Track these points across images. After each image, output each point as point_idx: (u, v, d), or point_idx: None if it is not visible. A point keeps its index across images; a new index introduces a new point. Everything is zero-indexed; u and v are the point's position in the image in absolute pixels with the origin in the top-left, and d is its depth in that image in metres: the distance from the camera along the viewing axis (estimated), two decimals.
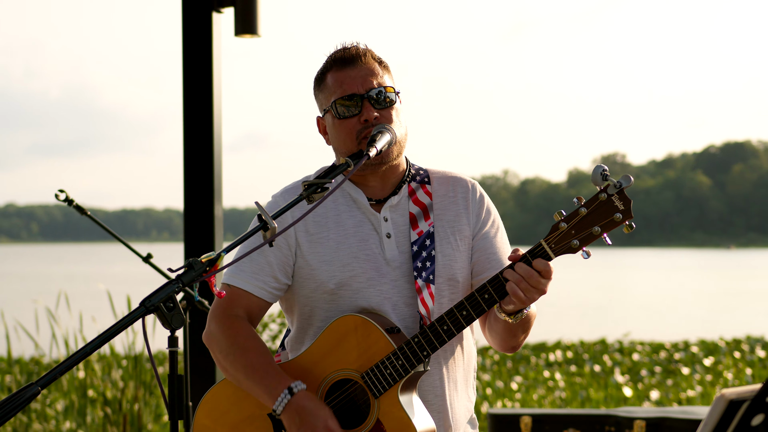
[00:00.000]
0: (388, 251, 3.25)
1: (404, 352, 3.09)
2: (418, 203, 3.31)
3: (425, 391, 3.24)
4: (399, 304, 3.23)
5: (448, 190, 3.35)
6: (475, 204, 3.35)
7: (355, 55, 3.25)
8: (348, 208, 3.29)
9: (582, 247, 2.95)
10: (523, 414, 6.38)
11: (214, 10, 6.27)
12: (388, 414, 3.11)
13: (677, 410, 6.46)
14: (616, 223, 2.92)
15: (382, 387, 3.11)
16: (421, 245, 3.24)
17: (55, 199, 4.93)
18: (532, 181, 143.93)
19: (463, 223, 3.32)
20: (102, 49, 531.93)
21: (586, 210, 2.93)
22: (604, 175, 2.89)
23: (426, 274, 3.21)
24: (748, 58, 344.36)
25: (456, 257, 3.28)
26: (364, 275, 3.22)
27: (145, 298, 2.57)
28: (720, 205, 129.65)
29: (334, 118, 3.24)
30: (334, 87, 3.24)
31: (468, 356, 3.36)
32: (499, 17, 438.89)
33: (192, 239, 6.26)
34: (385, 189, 3.31)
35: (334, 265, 3.23)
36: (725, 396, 2.02)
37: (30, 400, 2.41)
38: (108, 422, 8.80)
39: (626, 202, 2.91)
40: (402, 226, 3.28)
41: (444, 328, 3.08)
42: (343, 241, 3.26)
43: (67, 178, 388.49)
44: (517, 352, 16.83)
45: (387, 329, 3.15)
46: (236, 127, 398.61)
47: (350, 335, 3.16)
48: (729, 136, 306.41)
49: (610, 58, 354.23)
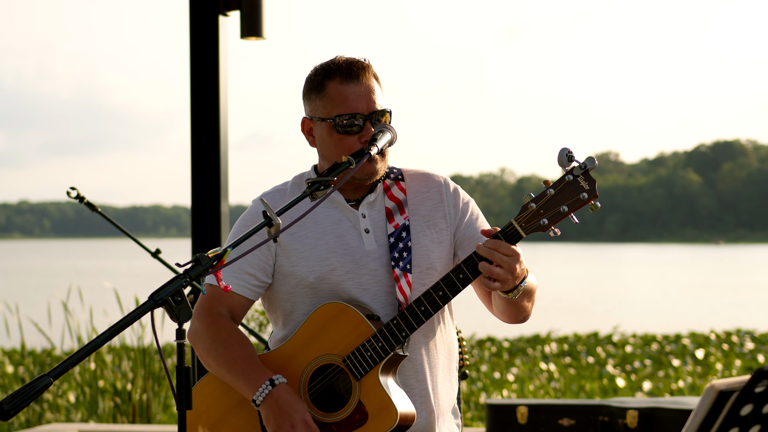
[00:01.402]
0: (367, 244, 3.28)
1: (384, 334, 3.12)
2: (393, 198, 3.34)
3: (407, 376, 3.24)
4: (379, 293, 3.25)
5: (422, 186, 3.38)
6: (449, 198, 3.37)
7: (358, 70, 3.26)
8: (324, 209, 3.32)
9: (551, 226, 2.99)
10: (519, 404, 6.38)
11: (220, 14, 6.27)
12: (368, 394, 3.13)
13: (668, 400, 6.45)
14: (582, 202, 2.97)
15: (363, 369, 3.13)
16: (397, 237, 3.27)
17: (66, 196, 4.93)
18: (529, 179, 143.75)
19: (438, 216, 3.34)
20: (112, 51, 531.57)
21: (553, 191, 2.98)
22: (570, 157, 2.95)
23: (403, 264, 3.24)
24: (737, 61, 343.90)
25: (433, 248, 3.30)
26: (342, 268, 3.25)
27: (153, 292, 2.57)
28: (710, 202, 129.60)
29: (333, 130, 3.24)
30: (337, 100, 3.24)
31: (449, 345, 3.37)
32: (496, 21, 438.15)
33: (199, 235, 6.26)
34: (360, 189, 3.34)
35: (313, 260, 3.26)
36: (715, 387, 2.02)
37: (42, 391, 2.41)
38: (118, 412, 8.81)
39: (591, 182, 2.96)
40: (379, 221, 3.31)
41: (421, 309, 3.11)
42: (321, 238, 3.28)
43: (78, 176, 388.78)
44: (514, 345, 16.85)
45: (367, 315, 3.17)
46: (242, 126, 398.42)
47: (332, 322, 3.18)
48: (718, 135, 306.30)
49: (604, 60, 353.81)
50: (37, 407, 8.96)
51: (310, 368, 3.21)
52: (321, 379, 3.21)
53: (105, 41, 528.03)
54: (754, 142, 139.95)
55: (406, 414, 3.14)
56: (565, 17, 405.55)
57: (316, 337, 3.20)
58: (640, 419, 6.16)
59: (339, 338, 3.17)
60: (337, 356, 3.17)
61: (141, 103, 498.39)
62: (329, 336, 3.18)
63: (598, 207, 2.98)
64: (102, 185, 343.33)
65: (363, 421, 3.13)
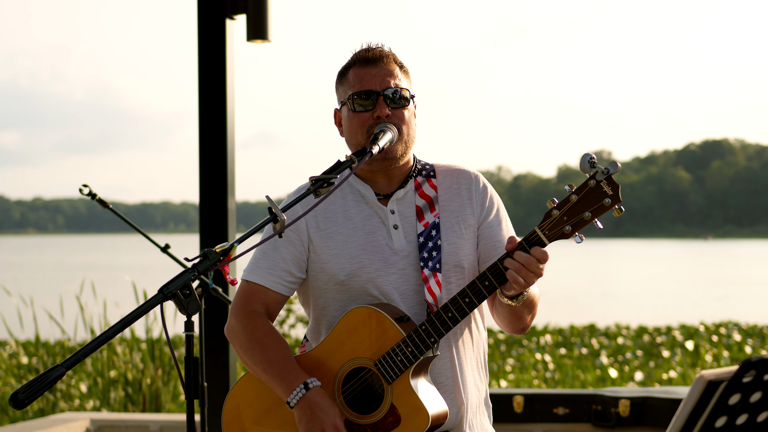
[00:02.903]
0: (396, 242, 3.22)
1: (413, 339, 3.06)
2: (424, 196, 3.27)
3: (437, 373, 3.21)
4: (407, 293, 3.20)
5: (453, 182, 3.31)
6: (478, 194, 3.30)
7: (378, 56, 3.23)
8: (356, 203, 3.27)
9: (575, 232, 2.89)
10: (516, 393, 6.38)
11: (227, 17, 6.26)
12: (401, 398, 3.09)
13: (659, 390, 6.45)
14: (605, 208, 2.85)
15: (394, 373, 3.08)
16: (427, 236, 3.22)
17: (79, 193, 4.92)
18: (524, 177, 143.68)
19: (467, 212, 3.28)
20: (123, 54, 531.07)
21: (576, 197, 2.87)
22: (592, 163, 2.83)
23: (432, 264, 3.18)
24: (725, 64, 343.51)
25: (461, 245, 3.24)
26: (372, 266, 3.20)
27: (163, 286, 2.56)
28: (699, 198, 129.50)
29: (349, 110, 3.21)
30: (353, 82, 3.22)
31: (477, 340, 3.32)
32: (493, 25, 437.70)
33: (207, 231, 6.25)
34: (391, 184, 3.28)
35: (344, 258, 3.20)
36: (704, 377, 2.02)
37: (56, 381, 2.41)
38: (129, 401, 8.81)
39: (614, 187, 2.84)
40: (409, 218, 3.25)
41: (449, 315, 3.05)
42: (352, 234, 3.23)
43: (90, 173, 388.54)
44: (510, 336, 16.83)
45: (397, 318, 3.12)
46: (248, 126, 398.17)
47: (362, 326, 3.13)
48: (708, 134, 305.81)
49: (597, 63, 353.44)
50: (50, 396, 8.96)
51: (344, 371, 3.17)
52: (354, 381, 3.17)
53: (117, 44, 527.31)
54: (742, 141, 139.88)
55: (438, 414, 3.11)
56: (560, 21, 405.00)
57: (347, 340, 3.15)
58: (631, 408, 6.16)
59: (370, 342, 3.12)
60: (368, 359, 3.13)
61: (151, 104, 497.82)
62: (360, 339, 3.14)
63: (622, 211, 2.86)
64: (113, 182, 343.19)
65: (396, 424, 3.09)
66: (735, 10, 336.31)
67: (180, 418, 6.86)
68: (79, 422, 6.68)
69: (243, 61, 50.96)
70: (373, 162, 3.19)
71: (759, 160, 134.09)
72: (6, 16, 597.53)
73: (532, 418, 6.33)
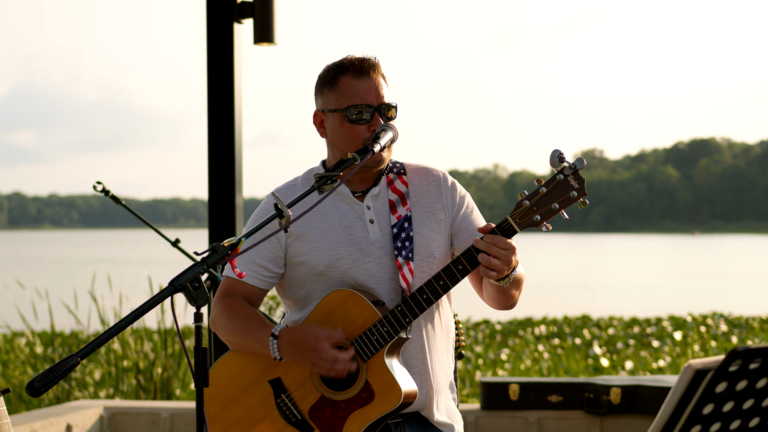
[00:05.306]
0: (372, 234, 3.28)
1: (389, 320, 3.13)
2: (396, 191, 3.34)
3: (408, 356, 3.26)
4: (383, 280, 3.25)
5: (422, 179, 3.38)
6: (447, 191, 3.37)
7: (368, 67, 3.27)
8: (332, 201, 3.32)
9: (543, 222, 3.00)
10: (511, 382, 6.38)
11: (235, 21, 6.26)
12: (375, 375, 3.15)
13: (649, 379, 6.45)
14: (572, 200, 2.97)
15: (370, 351, 3.14)
16: (400, 227, 3.28)
17: (93, 189, 4.92)
18: (520, 174, 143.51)
19: (437, 208, 3.34)
20: (135, 56, 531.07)
21: (545, 189, 2.98)
22: (561, 158, 2.95)
23: (405, 253, 3.24)
24: (713, 64, 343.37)
25: (432, 238, 3.31)
26: (349, 257, 3.25)
27: (173, 279, 2.57)
28: (687, 195, 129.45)
29: (344, 120, 3.25)
30: (349, 93, 3.25)
31: (446, 326, 3.38)
32: (489, 28, 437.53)
33: (215, 226, 6.25)
34: (365, 182, 3.35)
35: (322, 250, 3.26)
36: (692, 366, 2.02)
37: (71, 370, 2.41)
38: (140, 390, 8.81)
39: (580, 181, 2.96)
40: (383, 212, 3.31)
41: (423, 297, 3.12)
42: (329, 229, 3.29)
43: (103, 171, 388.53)
44: (506, 327, 16.86)
45: (373, 301, 3.18)
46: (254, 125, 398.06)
47: (341, 307, 3.19)
48: (695, 133, 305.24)
49: (589, 64, 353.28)
50: (65, 385, 8.96)
51: None
52: None
53: (129, 47, 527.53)
54: (729, 140, 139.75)
55: (409, 392, 3.17)
56: (553, 24, 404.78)
57: (326, 321, 3.20)
58: (623, 396, 6.16)
59: (347, 323, 3.18)
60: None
61: (162, 104, 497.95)
62: (338, 320, 3.18)
63: (586, 204, 2.97)
64: (125, 179, 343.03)
65: (370, 399, 3.15)
66: (723, 14, 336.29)
67: (190, 405, 6.86)
68: (93, 409, 6.68)
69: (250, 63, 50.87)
70: (364, 167, 3.24)
71: (745, 158, 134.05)
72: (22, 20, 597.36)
73: (527, 406, 6.33)
